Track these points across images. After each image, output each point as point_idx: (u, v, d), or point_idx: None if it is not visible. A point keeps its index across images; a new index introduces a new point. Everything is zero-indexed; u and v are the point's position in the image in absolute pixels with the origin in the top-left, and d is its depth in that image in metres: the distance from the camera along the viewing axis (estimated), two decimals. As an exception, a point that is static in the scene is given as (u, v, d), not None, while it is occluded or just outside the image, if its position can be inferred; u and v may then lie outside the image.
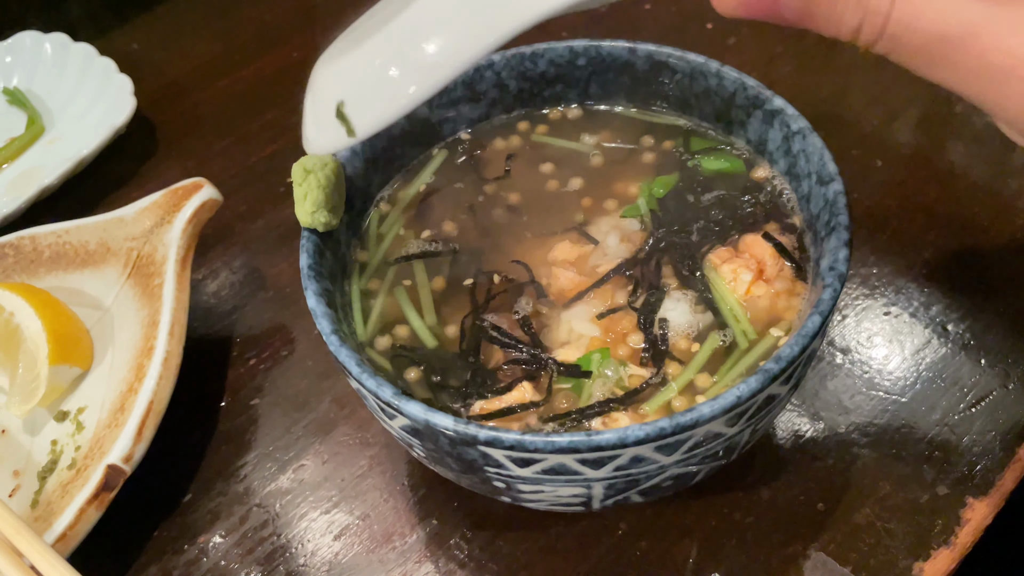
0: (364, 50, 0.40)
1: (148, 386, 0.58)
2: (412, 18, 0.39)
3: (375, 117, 0.40)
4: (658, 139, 0.59)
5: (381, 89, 0.39)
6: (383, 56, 0.39)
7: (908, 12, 0.33)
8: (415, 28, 0.39)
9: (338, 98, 0.41)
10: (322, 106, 0.42)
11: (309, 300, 0.48)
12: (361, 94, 0.40)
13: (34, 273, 0.71)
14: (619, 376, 0.47)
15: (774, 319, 0.49)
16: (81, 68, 0.93)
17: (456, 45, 0.38)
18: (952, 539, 0.52)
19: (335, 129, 0.41)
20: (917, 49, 0.33)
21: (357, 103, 0.40)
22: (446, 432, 0.42)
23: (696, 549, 0.54)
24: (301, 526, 0.59)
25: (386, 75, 0.39)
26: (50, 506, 0.58)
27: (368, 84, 0.40)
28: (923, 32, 0.33)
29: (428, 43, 0.38)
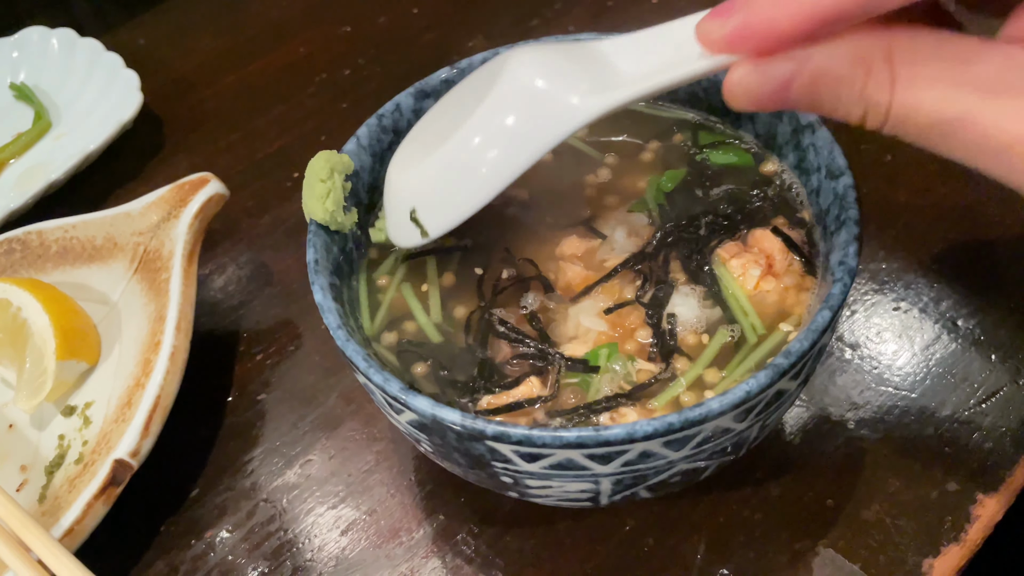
0: (430, 161, 0.46)
1: (155, 381, 0.58)
2: (471, 131, 0.44)
3: (443, 222, 0.47)
4: (666, 133, 0.59)
5: (446, 199, 0.46)
6: (447, 167, 0.45)
7: (906, 104, 0.35)
8: (474, 141, 0.44)
9: (411, 205, 0.47)
10: (399, 209, 0.48)
11: (316, 295, 0.48)
12: (430, 203, 0.47)
13: (41, 268, 0.71)
14: (627, 371, 0.47)
15: (783, 314, 0.49)
16: (88, 63, 0.94)
17: (510, 156, 0.43)
18: (962, 536, 0.52)
19: (411, 230, 0.48)
20: (920, 132, 0.36)
21: (427, 210, 0.47)
22: (453, 427, 0.41)
23: (704, 545, 0.54)
24: (308, 521, 0.59)
25: (450, 187, 0.46)
26: (57, 501, 0.58)
27: (435, 194, 0.47)
28: (923, 118, 0.35)
29: (486, 155, 0.44)
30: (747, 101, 0.39)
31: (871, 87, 0.36)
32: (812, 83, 0.37)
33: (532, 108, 0.43)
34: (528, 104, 0.43)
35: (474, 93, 0.46)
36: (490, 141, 0.44)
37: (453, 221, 0.47)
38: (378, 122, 0.57)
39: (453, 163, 0.45)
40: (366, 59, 0.96)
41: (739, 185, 0.55)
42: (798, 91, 0.37)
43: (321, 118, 0.90)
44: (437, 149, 0.46)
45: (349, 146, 0.55)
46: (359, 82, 0.94)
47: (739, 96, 0.39)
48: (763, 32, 0.37)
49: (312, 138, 0.88)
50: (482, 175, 0.44)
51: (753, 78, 0.38)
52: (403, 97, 0.58)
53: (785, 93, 0.38)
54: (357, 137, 0.56)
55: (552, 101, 0.42)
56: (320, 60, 0.97)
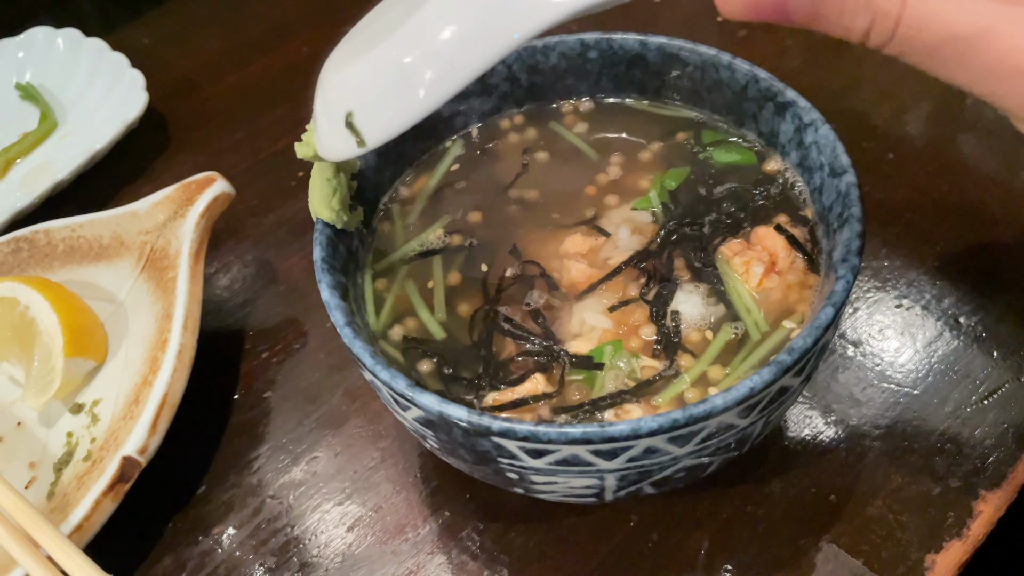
0: (371, 57, 0.39)
1: (162, 378, 0.58)
2: (419, 23, 0.38)
3: (384, 128, 0.39)
4: (670, 132, 0.59)
5: (389, 99, 0.39)
6: (390, 63, 0.38)
7: (920, 14, 0.32)
8: (422, 34, 0.37)
9: (347, 108, 0.40)
10: (332, 115, 0.41)
11: (323, 292, 0.48)
12: (370, 104, 0.39)
13: (48, 267, 0.71)
14: (631, 368, 0.47)
15: (786, 311, 0.49)
16: (93, 63, 0.94)
17: (466, 51, 0.37)
18: (964, 531, 0.52)
19: (346, 138, 0.41)
20: (929, 50, 0.33)
21: (366, 113, 0.40)
22: (460, 423, 0.42)
23: (708, 541, 0.54)
24: (314, 518, 0.59)
25: (394, 84, 0.38)
26: (66, 497, 0.58)
27: (376, 94, 0.39)
28: (936, 33, 0.32)
29: (437, 50, 0.37)
30: (742, 5, 0.35)
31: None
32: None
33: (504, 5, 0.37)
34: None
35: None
36: (448, 29, 0.37)
37: (397, 126, 0.39)
38: (383, 121, 0.57)
39: (401, 55, 0.38)
40: (370, 58, 0.96)
41: (742, 183, 0.55)
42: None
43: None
44: (383, 41, 0.39)
45: (354, 145, 0.55)
46: (363, 81, 0.94)
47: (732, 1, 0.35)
48: None
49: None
50: (436, 70, 0.37)
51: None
52: (408, 96, 0.58)
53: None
54: (363, 136, 0.56)
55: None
56: (323, 59, 0.97)
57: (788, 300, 0.50)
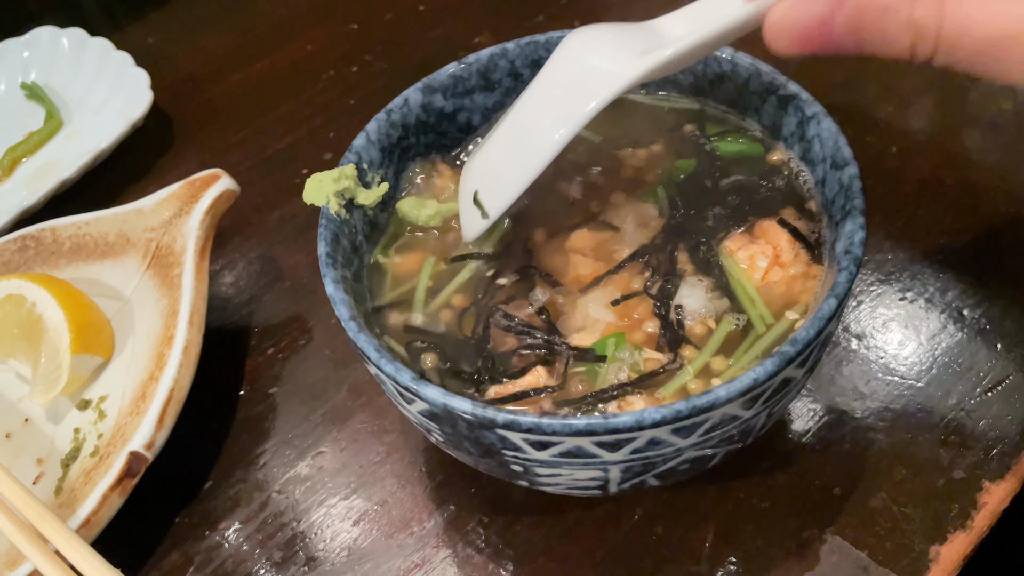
0: (487, 151, 0.51)
1: (169, 374, 0.59)
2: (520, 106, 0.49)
3: (501, 199, 0.50)
4: (676, 125, 0.59)
5: (502, 175, 0.49)
6: (501, 144, 0.50)
7: (958, 24, 0.33)
8: (523, 114, 0.49)
9: (473, 188, 0.51)
10: (466, 199, 0.51)
11: (328, 287, 0.48)
12: (489, 183, 0.50)
13: (55, 264, 0.72)
14: (635, 360, 0.48)
15: (790, 303, 0.49)
16: (98, 62, 0.95)
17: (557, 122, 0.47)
18: (969, 523, 0.52)
19: (474, 215, 0.51)
20: (974, 56, 0.34)
21: (487, 191, 0.50)
22: (464, 416, 0.42)
23: (713, 534, 0.54)
24: (320, 512, 0.59)
25: (505, 162, 0.49)
26: (73, 493, 0.59)
27: (493, 173, 0.50)
28: (977, 38, 0.33)
29: (535, 125, 0.48)
30: (789, 41, 0.37)
31: (919, 11, 0.34)
32: (856, 15, 0.35)
33: (577, 76, 0.46)
34: (574, 73, 0.46)
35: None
36: (538, 112, 0.48)
37: (510, 197, 0.49)
38: (387, 117, 0.57)
39: (506, 139, 0.49)
40: (373, 56, 0.96)
41: (748, 175, 0.55)
42: (841, 25, 0.36)
43: (329, 114, 0.90)
44: (493, 137, 0.50)
45: (358, 141, 0.56)
46: (366, 78, 0.94)
47: (780, 36, 0.38)
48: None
49: (320, 134, 0.88)
50: (532, 145, 0.47)
51: (793, 14, 0.37)
52: (411, 92, 0.58)
53: (828, 28, 0.36)
54: (366, 132, 0.56)
55: (595, 67, 0.45)
56: (327, 57, 0.98)
57: (792, 292, 0.50)
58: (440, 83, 0.59)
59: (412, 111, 0.58)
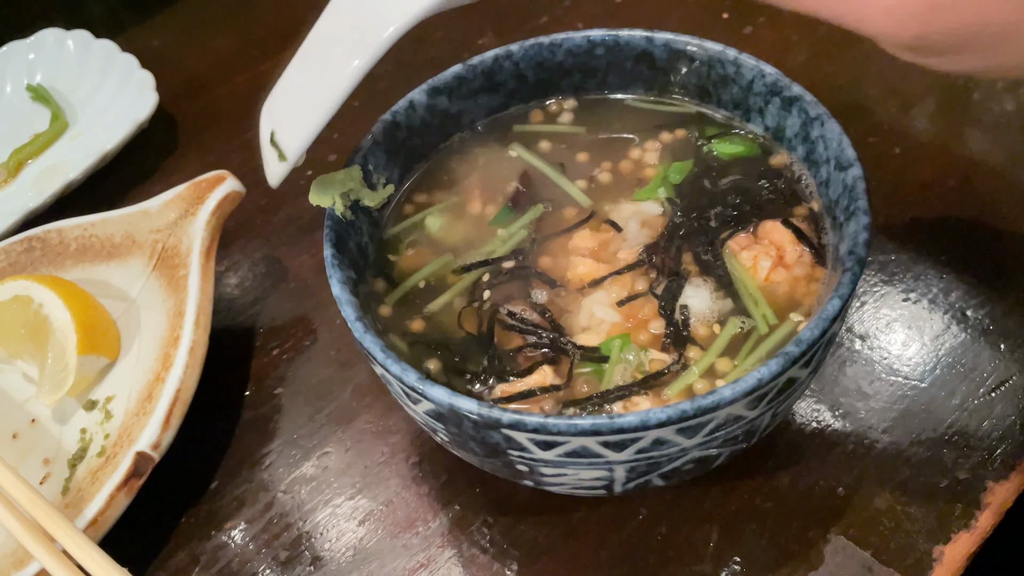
0: (282, 87, 0.46)
1: (175, 375, 0.59)
2: (309, 42, 0.45)
3: (297, 140, 0.44)
4: (673, 127, 0.59)
5: (297, 114, 0.44)
6: (292, 81, 0.45)
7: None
8: (312, 49, 0.45)
9: (269, 129, 0.45)
10: (264, 142, 0.45)
11: (333, 288, 0.49)
12: (284, 122, 0.45)
13: (61, 266, 0.72)
14: (640, 361, 0.48)
15: (794, 304, 0.49)
16: (103, 64, 0.95)
17: (348, 56, 0.43)
18: (973, 523, 0.53)
19: (272, 156, 0.45)
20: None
21: (282, 131, 0.45)
22: (470, 416, 0.42)
23: (716, 534, 0.54)
24: (325, 512, 0.60)
25: (298, 101, 0.44)
26: (80, 493, 0.59)
27: (287, 112, 0.45)
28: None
29: (326, 60, 0.44)
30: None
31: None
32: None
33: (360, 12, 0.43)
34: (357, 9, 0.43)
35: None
36: (330, 41, 0.44)
37: (307, 137, 0.44)
38: (392, 118, 0.58)
39: (299, 73, 0.46)
40: (377, 57, 0.97)
41: (747, 176, 0.55)
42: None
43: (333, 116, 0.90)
44: (290, 70, 0.46)
45: (364, 142, 0.56)
46: (370, 80, 0.93)
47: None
48: None
49: (324, 136, 0.87)
50: (326, 79, 0.44)
51: None
52: (416, 94, 0.59)
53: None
54: (372, 134, 0.57)
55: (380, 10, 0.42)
56: (331, 59, 0.98)
57: (796, 293, 0.50)
58: (445, 85, 0.59)
59: (417, 113, 0.59)
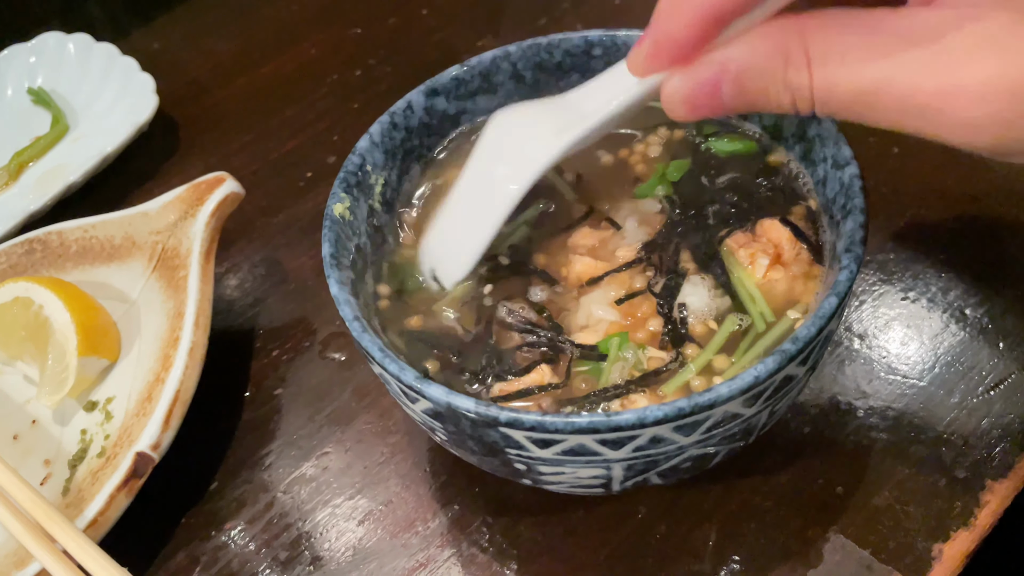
0: (435, 233, 0.55)
1: (175, 375, 0.59)
2: (457, 192, 0.53)
3: (453, 275, 0.53)
4: (672, 123, 0.59)
5: (452, 254, 0.54)
6: (444, 228, 0.54)
7: (825, 82, 0.37)
8: (461, 199, 0.53)
9: (431, 267, 0.55)
10: (427, 271, 0.55)
11: (332, 288, 0.49)
12: (441, 262, 0.54)
13: (61, 267, 0.72)
14: (638, 359, 0.48)
15: (791, 302, 0.49)
16: (104, 67, 0.95)
17: (494, 204, 0.51)
18: (972, 521, 0.53)
19: (435, 285, 0.54)
20: (846, 108, 0.37)
21: (440, 269, 0.54)
22: (467, 414, 0.42)
23: (715, 533, 0.54)
24: (325, 512, 0.60)
25: (452, 243, 0.54)
26: (81, 493, 0.59)
27: (443, 253, 0.54)
28: (844, 95, 0.37)
29: (473, 209, 0.52)
30: (685, 108, 0.41)
31: (791, 73, 0.37)
32: (738, 81, 0.39)
33: (505, 158, 0.51)
34: (501, 156, 0.51)
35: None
36: (474, 196, 0.52)
37: (461, 273, 0.53)
38: (390, 119, 0.58)
39: (448, 222, 0.54)
40: (376, 60, 0.97)
41: (745, 174, 0.55)
42: (728, 91, 0.39)
43: (333, 118, 0.91)
44: (440, 215, 0.55)
45: (362, 143, 0.56)
46: (370, 82, 0.95)
47: (676, 104, 0.41)
48: (667, 44, 0.40)
49: (324, 138, 0.89)
50: (474, 226, 0.52)
51: (682, 84, 0.41)
52: (414, 95, 0.59)
53: (717, 95, 0.40)
54: (370, 134, 0.57)
55: (520, 149, 0.50)
56: (331, 61, 0.98)
57: (793, 291, 0.50)
58: (443, 85, 0.59)
59: (415, 113, 0.59)
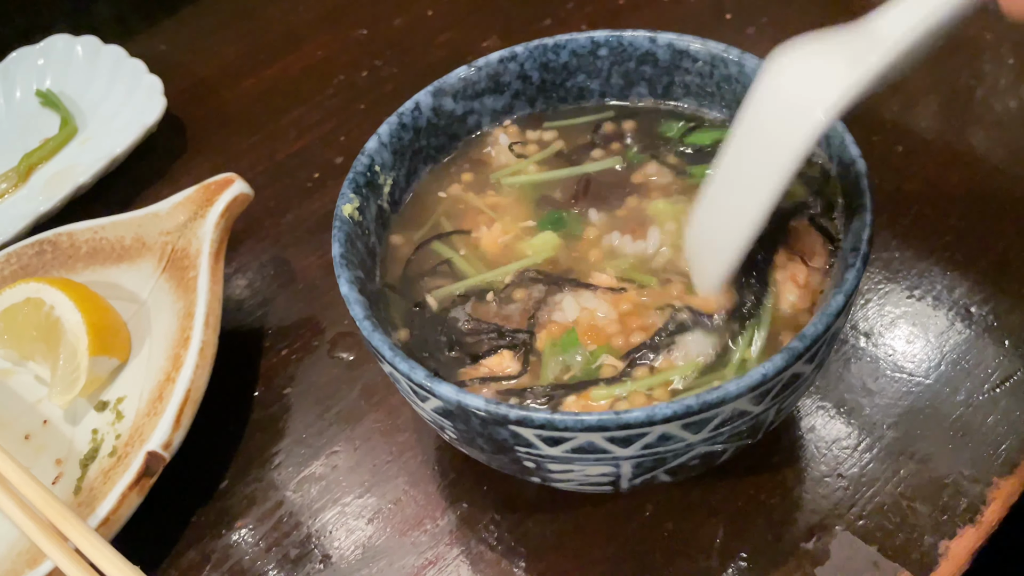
0: (702, 216, 0.49)
1: (185, 375, 0.60)
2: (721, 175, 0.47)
3: (709, 280, 0.49)
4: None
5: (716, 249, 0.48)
6: (711, 222, 0.49)
7: None
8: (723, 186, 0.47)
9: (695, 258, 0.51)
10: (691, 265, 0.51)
11: (342, 287, 0.49)
12: (707, 254, 0.50)
13: (72, 268, 0.73)
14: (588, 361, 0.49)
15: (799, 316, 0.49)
16: (112, 69, 0.96)
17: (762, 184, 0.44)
18: (978, 517, 0.53)
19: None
20: None
21: (706, 261, 0.50)
22: (478, 412, 0.43)
23: (723, 529, 0.55)
24: (334, 511, 0.60)
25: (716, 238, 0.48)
26: (92, 492, 0.60)
27: (708, 245, 0.49)
28: None
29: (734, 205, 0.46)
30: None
31: None
32: None
33: (780, 110, 0.41)
34: (775, 108, 0.42)
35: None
36: (740, 170, 0.45)
37: (716, 279, 0.48)
38: (398, 120, 0.58)
39: (716, 203, 0.48)
40: (383, 61, 0.97)
41: None
42: None
43: (340, 119, 0.92)
44: (706, 195, 0.48)
45: (370, 144, 0.56)
46: (376, 83, 0.95)
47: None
48: None
49: (331, 139, 0.89)
50: (740, 209, 0.45)
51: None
52: (422, 96, 0.59)
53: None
54: (378, 135, 0.57)
55: (800, 94, 0.40)
56: (337, 62, 0.99)
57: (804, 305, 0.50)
58: (450, 86, 0.60)
59: (423, 114, 0.59)
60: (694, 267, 0.50)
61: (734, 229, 0.45)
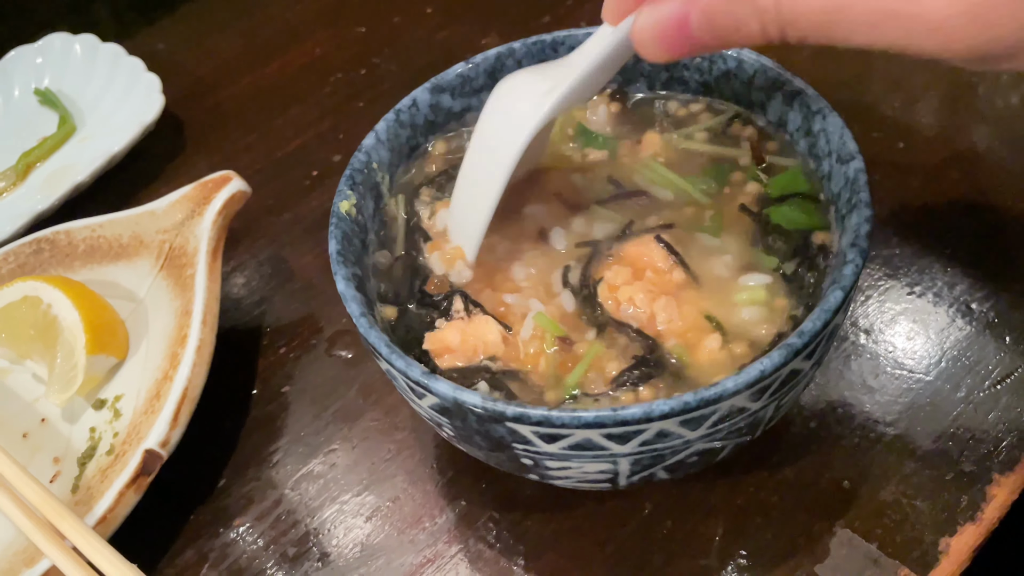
0: (453, 201, 0.55)
1: (183, 373, 0.59)
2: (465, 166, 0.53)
3: (469, 248, 0.54)
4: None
5: (465, 228, 0.54)
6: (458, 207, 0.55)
7: (791, 1, 0.36)
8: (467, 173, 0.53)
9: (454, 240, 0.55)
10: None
11: (339, 284, 0.49)
12: (459, 233, 0.55)
13: (70, 267, 0.73)
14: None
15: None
16: (110, 68, 0.96)
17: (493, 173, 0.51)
18: (978, 515, 0.53)
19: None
20: (816, 26, 0.36)
21: (460, 239, 0.54)
22: (475, 409, 0.43)
23: (722, 528, 0.54)
24: (332, 509, 0.60)
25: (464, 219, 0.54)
26: (90, 490, 0.60)
27: (458, 225, 0.55)
28: (812, 11, 0.36)
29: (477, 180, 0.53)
30: (655, 47, 0.40)
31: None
32: (707, 10, 0.38)
33: (499, 125, 0.51)
34: (496, 123, 0.51)
35: None
36: (476, 168, 0.52)
37: (473, 246, 0.53)
38: (396, 117, 0.58)
39: (456, 199, 0.54)
40: (381, 58, 0.97)
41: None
42: (697, 23, 0.39)
43: (338, 117, 0.91)
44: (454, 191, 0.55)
45: (368, 141, 0.56)
46: (374, 81, 0.95)
47: (646, 44, 0.41)
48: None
49: (329, 136, 0.89)
50: (476, 201, 0.52)
51: (649, 18, 0.40)
52: (420, 92, 0.59)
53: (686, 28, 0.39)
54: (376, 132, 0.57)
55: (512, 113, 0.50)
56: (336, 60, 0.99)
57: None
58: (448, 83, 0.59)
59: (421, 111, 0.59)
60: (455, 239, 0.55)
61: (477, 211, 0.52)
